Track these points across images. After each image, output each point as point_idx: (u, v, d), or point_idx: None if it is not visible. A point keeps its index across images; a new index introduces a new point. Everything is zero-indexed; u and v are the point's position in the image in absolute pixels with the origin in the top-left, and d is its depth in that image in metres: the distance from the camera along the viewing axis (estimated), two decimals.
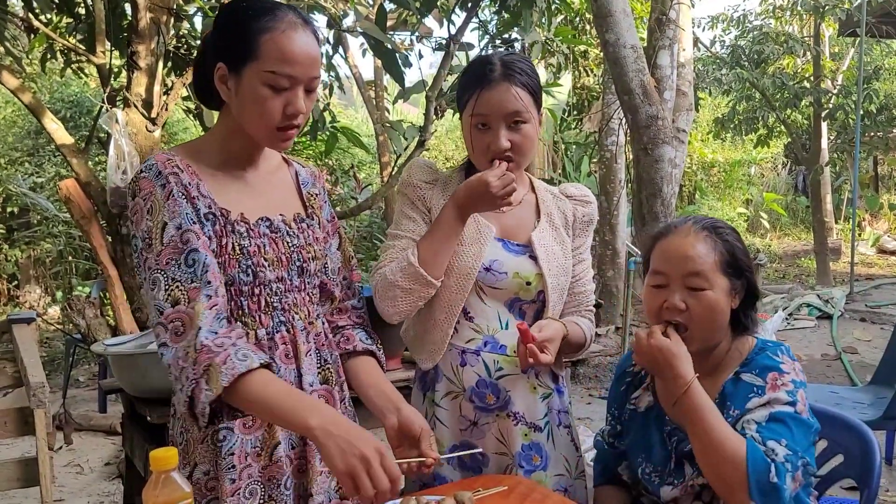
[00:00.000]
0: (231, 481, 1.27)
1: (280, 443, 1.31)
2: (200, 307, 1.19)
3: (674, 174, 3.18)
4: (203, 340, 1.17)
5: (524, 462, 1.52)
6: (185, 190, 1.26)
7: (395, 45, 4.22)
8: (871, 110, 9.73)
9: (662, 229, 1.44)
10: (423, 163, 1.63)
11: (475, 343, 1.52)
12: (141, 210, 1.26)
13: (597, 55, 7.63)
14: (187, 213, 1.25)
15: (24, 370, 2.43)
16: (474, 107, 1.48)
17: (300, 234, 1.38)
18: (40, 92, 8.04)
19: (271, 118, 1.26)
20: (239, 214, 1.31)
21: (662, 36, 3.45)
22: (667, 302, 1.35)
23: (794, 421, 1.28)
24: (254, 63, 1.24)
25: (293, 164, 1.48)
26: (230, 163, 1.35)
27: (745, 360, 1.39)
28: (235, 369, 1.15)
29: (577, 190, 1.66)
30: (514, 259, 1.52)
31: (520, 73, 1.47)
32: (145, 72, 3.71)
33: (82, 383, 5.61)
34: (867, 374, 4.32)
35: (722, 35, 11.11)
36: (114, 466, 3.78)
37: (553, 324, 1.48)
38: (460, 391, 1.53)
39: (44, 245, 7.65)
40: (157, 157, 1.30)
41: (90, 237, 3.79)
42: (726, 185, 13.29)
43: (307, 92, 1.28)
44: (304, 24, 1.27)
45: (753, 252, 9.77)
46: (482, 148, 1.49)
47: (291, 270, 1.35)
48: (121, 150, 3.50)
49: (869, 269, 9.84)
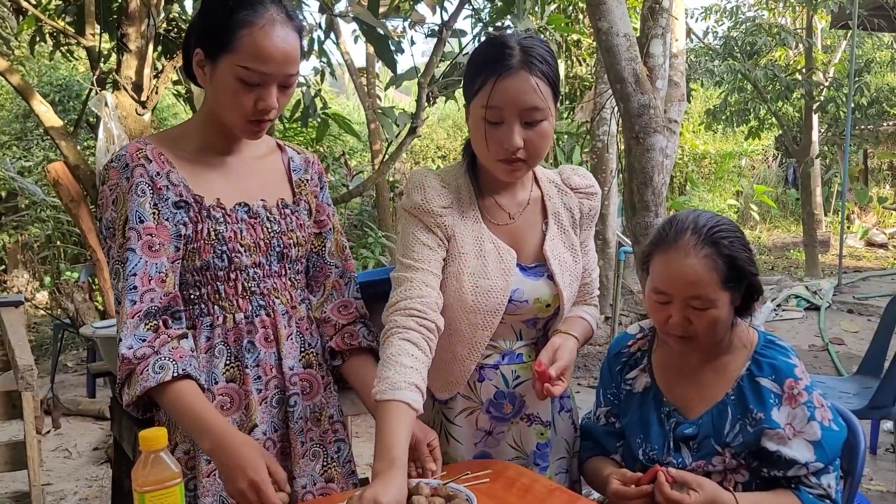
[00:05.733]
0: (207, 461, 1.29)
1: (257, 424, 1.33)
2: (123, 315, 1.23)
3: (665, 164, 3.18)
4: (124, 352, 1.21)
5: (539, 459, 1.50)
6: (150, 180, 1.27)
7: (388, 31, 4.18)
8: (862, 103, 9.78)
9: (660, 238, 1.39)
10: (436, 181, 1.43)
11: (493, 359, 1.47)
12: (107, 199, 1.29)
13: (589, 44, 7.61)
14: (138, 210, 1.26)
15: (11, 353, 2.42)
16: (488, 98, 1.32)
17: (282, 220, 1.37)
18: (28, 75, 7.95)
19: (242, 111, 1.26)
20: (215, 200, 1.31)
21: (655, 24, 3.45)
22: (671, 318, 1.36)
23: (825, 434, 1.34)
24: (229, 55, 1.24)
25: (286, 150, 1.47)
26: (209, 149, 1.35)
27: (754, 356, 1.40)
28: (148, 382, 1.20)
29: (582, 179, 1.54)
30: (532, 284, 1.45)
31: (540, 62, 1.32)
32: (135, 54, 3.67)
33: (70, 368, 5.59)
34: (853, 365, 4.36)
35: (715, 26, 11.14)
36: (102, 451, 3.77)
37: (566, 344, 1.42)
38: (477, 405, 1.48)
39: (31, 230, 7.60)
40: (128, 146, 1.31)
41: (79, 221, 3.77)
42: (717, 176, 13.34)
43: (283, 88, 1.28)
44: (286, 21, 1.26)
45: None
46: (493, 145, 1.35)
47: (270, 256, 1.35)
48: (110, 134, 3.47)
49: (857, 262, 9.92)
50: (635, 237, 3.19)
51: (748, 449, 1.36)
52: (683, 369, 1.46)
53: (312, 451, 1.41)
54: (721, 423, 1.38)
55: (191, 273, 1.31)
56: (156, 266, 1.25)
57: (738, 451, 1.36)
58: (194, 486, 1.31)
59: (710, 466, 1.38)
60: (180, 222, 1.28)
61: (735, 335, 1.43)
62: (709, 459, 1.38)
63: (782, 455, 1.32)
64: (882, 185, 14.20)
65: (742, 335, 1.43)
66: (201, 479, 1.30)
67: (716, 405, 1.40)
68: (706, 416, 1.40)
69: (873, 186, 13.76)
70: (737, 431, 1.37)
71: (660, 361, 1.50)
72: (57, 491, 3.34)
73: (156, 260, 1.25)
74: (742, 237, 1.39)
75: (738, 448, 1.36)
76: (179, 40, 4.19)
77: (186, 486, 1.30)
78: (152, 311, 1.24)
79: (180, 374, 1.21)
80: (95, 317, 3.77)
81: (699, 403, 1.42)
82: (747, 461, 1.37)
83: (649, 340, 1.54)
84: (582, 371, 5.24)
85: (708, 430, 1.39)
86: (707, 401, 1.41)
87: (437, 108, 9.95)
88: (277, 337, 1.36)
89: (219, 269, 1.31)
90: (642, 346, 1.54)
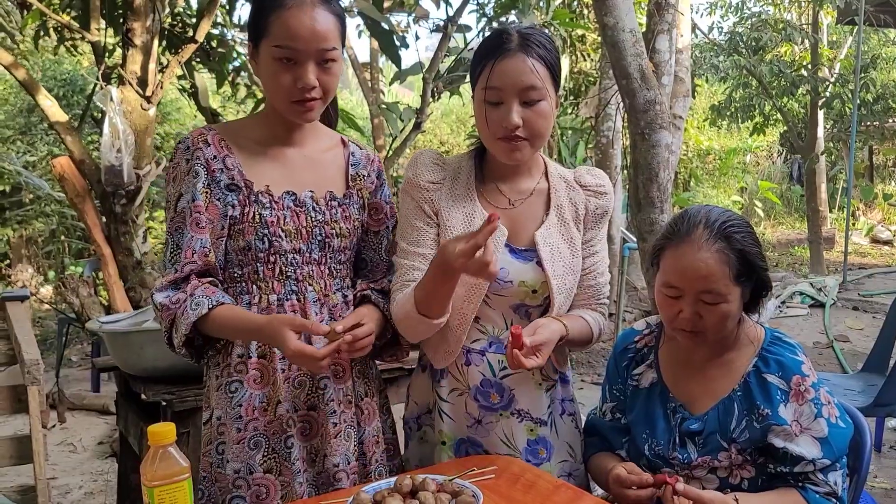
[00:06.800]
0: (237, 430, 1.38)
1: (281, 401, 1.39)
2: (164, 278, 1.39)
3: (670, 160, 3.17)
4: (161, 300, 1.35)
5: (530, 456, 1.51)
6: (205, 163, 1.38)
7: (393, 26, 4.18)
8: (868, 100, 9.74)
9: (672, 232, 1.39)
10: (430, 158, 1.51)
11: (480, 343, 1.50)
12: (169, 176, 1.43)
13: (594, 40, 7.59)
14: (192, 189, 1.37)
15: (17, 347, 2.43)
16: (487, 79, 1.39)
17: (327, 210, 1.44)
18: (33, 70, 7.95)
19: (285, 91, 1.34)
20: (265, 186, 1.40)
21: (661, 20, 3.44)
22: (682, 313, 1.36)
23: (832, 431, 1.34)
24: (266, 40, 1.34)
25: (349, 146, 1.54)
26: (272, 139, 1.44)
27: (761, 352, 1.40)
28: (189, 319, 1.32)
29: (593, 178, 1.56)
30: (519, 266, 1.46)
31: (537, 46, 1.39)
32: (140, 49, 3.67)
33: (75, 363, 5.60)
34: (858, 363, 4.35)
35: (720, 21, 11.10)
36: (107, 445, 3.78)
37: (550, 325, 1.42)
38: (465, 389, 1.50)
39: (36, 224, 7.60)
40: (193, 131, 1.42)
41: (84, 216, 3.77)
42: (721, 172, 13.30)
43: (322, 66, 1.34)
44: (318, 2, 1.34)
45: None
46: (493, 124, 1.40)
47: (311, 243, 1.42)
48: (115, 129, 3.47)
49: (862, 259, 9.90)
50: (640, 233, 3.18)
51: (754, 445, 1.36)
52: (690, 365, 1.46)
53: (346, 431, 1.44)
54: (727, 419, 1.38)
55: (235, 252, 1.40)
56: (200, 241, 1.36)
57: (744, 447, 1.36)
58: (223, 451, 1.39)
59: (716, 462, 1.38)
60: (229, 203, 1.38)
61: (742, 331, 1.43)
62: (714, 455, 1.38)
63: (789, 451, 1.32)
64: (887, 181, 14.16)
65: (749, 331, 1.43)
66: (231, 444, 1.38)
67: (722, 401, 1.40)
68: (712, 411, 1.40)
69: (878, 183, 13.72)
70: (743, 427, 1.37)
71: (666, 357, 1.50)
72: (62, 485, 3.36)
73: (201, 235, 1.36)
74: (752, 232, 1.39)
75: (744, 444, 1.36)
76: (184, 35, 4.18)
77: (216, 450, 1.39)
78: (190, 276, 1.37)
79: (214, 305, 1.33)
80: (100, 312, 3.78)
81: (705, 399, 1.42)
82: (753, 457, 1.37)
83: (656, 337, 1.54)
84: (585, 367, 5.24)
85: (714, 426, 1.39)
86: (713, 396, 1.41)
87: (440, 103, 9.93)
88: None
89: (259, 250, 1.39)
90: (649, 342, 1.54)
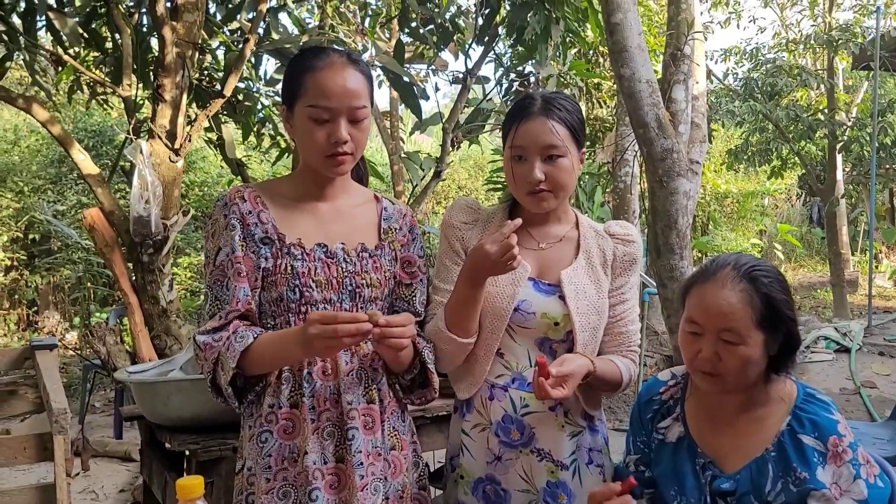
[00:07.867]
0: (266, 480, 1.39)
1: (308, 452, 1.39)
2: (206, 323, 1.43)
3: (688, 206, 3.19)
4: (204, 339, 1.39)
5: (549, 498, 1.51)
6: (241, 217, 1.44)
7: (413, 79, 4.29)
8: (886, 143, 9.70)
9: (700, 272, 1.41)
10: (465, 203, 1.66)
11: (503, 379, 1.54)
12: (208, 232, 1.49)
13: (610, 87, 7.70)
14: (231, 242, 1.43)
15: (46, 395, 2.46)
16: (513, 139, 1.54)
17: (358, 262, 1.49)
18: (64, 122, 8.20)
19: (319, 147, 1.42)
20: (297, 239, 1.45)
21: (677, 70, 3.50)
22: (701, 352, 1.35)
23: (872, 492, 1.30)
24: (300, 100, 1.42)
25: (382, 202, 1.59)
26: (304, 196, 1.51)
27: (794, 410, 1.38)
28: (236, 352, 1.34)
29: (622, 228, 1.66)
30: (542, 299, 1.54)
31: (558, 109, 1.52)
32: (170, 104, 3.80)
33: (98, 409, 5.64)
34: (886, 409, 4.26)
35: (735, 67, 11.19)
36: (128, 493, 3.78)
37: (577, 359, 1.46)
38: (487, 424, 1.55)
39: (63, 271, 7.74)
40: (231, 189, 1.49)
41: (112, 265, 3.85)
42: (739, 215, 13.25)
43: (353, 123, 1.42)
44: (347, 63, 1.43)
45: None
46: (519, 179, 1.54)
47: (342, 293, 1.46)
48: (144, 181, 3.57)
49: (887, 302, 9.74)
50: (660, 280, 3.19)
51: None
52: (718, 419, 1.43)
53: (374, 485, 1.43)
54: (761, 480, 1.35)
55: (268, 304, 1.45)
56: (243, 290, 1.42)
57: None
58: (252, 501, 1.41)
59: None
60: (263, 256, 1.43)
61: (772, 387, 1.40)
62: None
63: None
64: None
65: (779, 387, 1.40)
66: (260, 495, 1.39)
67: (755, 460, 1.37)
68: (745, 471, 1.37)
69: None
70: (779, 490, 1.34)
71: (693, 410, 1.48)
72: None
73: (243, 284, 1.42)
74: (783, 281, 1.37)
75: None
76: (212, 89, 4.32)
77: (245, 500, 1.41)
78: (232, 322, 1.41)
79: (258, 335, 1.37)
80: (126, 359, 3.82)
81: (736, 456, 1.40)
82: None
83: (682, 388, 1.52)
84: (606, 413, 5.15)
85: (747, 487, 1.36)
86: (744, 454, 1.39)
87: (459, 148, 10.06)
88: (337, 371, 1.44)
89: (291, 301, 1.43)
90: (675, 393, 1.52)
